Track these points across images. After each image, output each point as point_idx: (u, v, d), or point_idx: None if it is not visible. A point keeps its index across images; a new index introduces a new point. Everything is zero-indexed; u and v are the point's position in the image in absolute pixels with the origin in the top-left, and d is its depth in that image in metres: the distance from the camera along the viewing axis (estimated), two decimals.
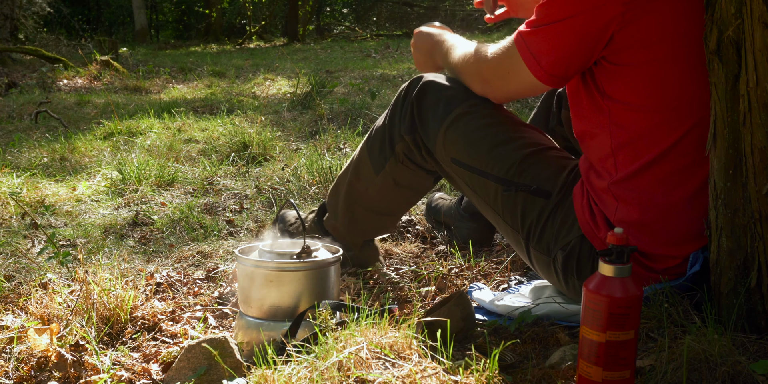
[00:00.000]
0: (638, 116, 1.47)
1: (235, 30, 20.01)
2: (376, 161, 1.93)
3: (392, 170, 1.92)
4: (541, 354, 1.53)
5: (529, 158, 1.68)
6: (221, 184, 3.24)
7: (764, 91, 1.24)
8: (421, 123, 1.82)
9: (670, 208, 1.48)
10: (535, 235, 1.65)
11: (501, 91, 1.66)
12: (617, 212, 1.52)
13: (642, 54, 1.43)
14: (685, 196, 1.47)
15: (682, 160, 1.46)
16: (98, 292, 1.70)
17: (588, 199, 1.59)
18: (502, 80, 1.62)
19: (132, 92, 6.97)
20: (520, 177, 1.66)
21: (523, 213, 1.66)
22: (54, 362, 1.50)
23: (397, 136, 1.88)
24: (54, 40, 13.17)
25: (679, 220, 1.48)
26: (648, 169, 1.48)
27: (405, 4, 18.76)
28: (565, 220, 1.62)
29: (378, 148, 1.92)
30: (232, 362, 1.42)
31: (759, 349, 1.31)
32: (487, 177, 1.70)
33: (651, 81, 1.44)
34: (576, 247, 1.59)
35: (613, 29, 1.42)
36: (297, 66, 9.17)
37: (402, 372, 1.31)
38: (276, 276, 1.56)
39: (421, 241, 2.41)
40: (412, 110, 1.84)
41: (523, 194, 1.65)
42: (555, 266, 1.64)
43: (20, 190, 3.04)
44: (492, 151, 1.70)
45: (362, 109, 4.88)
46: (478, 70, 1.67)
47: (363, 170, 1.96)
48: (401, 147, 1.88)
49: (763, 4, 1.21)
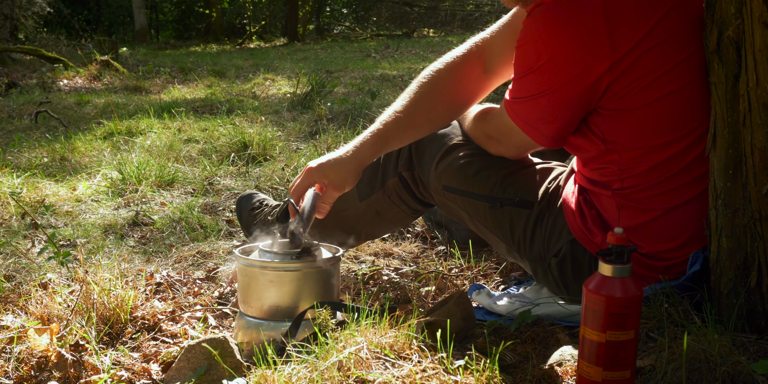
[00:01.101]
0: (644, 154, 1.45)
1: (235, 30, 20.01)
2: (362, 190, 1.94)
3: (377, 202, 1.93)
4: (541, 354, 1.53)
5: (510, 176, 1.72)
6: (221, 184, 3.24)
7: (764, 91, 1.24)
8: (418, 160, 1.85)
9: (674, 212, 1.48)
10: (526, 246, 1.68)
11: (513, 152, 1.72)
12: (620, 220, 1.53)
13: (640, 97, 1.40)
14: (689, 201, 1.47)
15: (689, 177, 1.45)
16: (98, 292, 1.70)
17: (580, 205, 1.59)
18: (512, 146, 1.68)
19: (132, 92, 6.97)
20: (503, 192, 1.70)
21: (512, 226, 1.70)
22: (54, 362, 1.50)
23: (391, 172, 1.90)
24: (54, 40, 13.17)
25: (679, 221, 1.48)
26: (654, 187, 1.47)
27: (405, 4, 18.76)
28: (553, 228, 1.64)
29: (368, 178, 1.92)
30: (232, 362, 1.42)
31: (759, 349, 1.31)
32: (476, 197, 1.74)
33: (656, 119, 1.42)
34: (568, 252, 1.61)
35: (605, 82, 1.40)
36: (297, 66, 9.17)
37: (402, 372, 1.31)
38: (276, 276, 1.56)
39: (421, 241, 2.41)
40: (409, 148, 1.87)
41: (509, 208, 1.69)
42: (551, 273, 1.65)
43: (20, 190, 3.04)
44: (477, 174, 1.73)
45: (362, 109, 4.88)
46: (487, 144, 1.74)
47: (347, 193, 1.89)
48: (393, 183, 1.90)
49: (763, 4, 1.21)
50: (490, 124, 1.69)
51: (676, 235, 1.49)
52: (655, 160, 1.45)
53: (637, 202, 1.50)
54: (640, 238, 1.51)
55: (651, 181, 1.47)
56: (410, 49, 12.17)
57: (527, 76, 1.45)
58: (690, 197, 1.46)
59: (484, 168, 1.74)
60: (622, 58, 1.37)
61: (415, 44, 13.30)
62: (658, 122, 1.42)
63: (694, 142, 1.43)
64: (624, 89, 1.40)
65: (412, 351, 1.39)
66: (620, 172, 1.50)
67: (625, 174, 1.49)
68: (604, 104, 1.44)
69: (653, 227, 1.49)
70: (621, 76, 1.39)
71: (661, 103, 1.41)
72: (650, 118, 1.42)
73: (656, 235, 1.50)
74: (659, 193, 1.47)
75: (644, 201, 1.49)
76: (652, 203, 1.48)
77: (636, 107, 1.41)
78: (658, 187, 1.47)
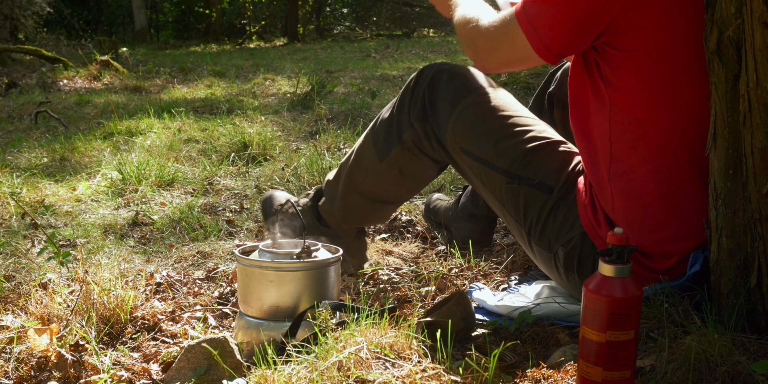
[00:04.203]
0: (638, 105, 1.46)
1: (235, 30, 20.00)
2: (380, 149, 1.92)
3: (397, 158, 1.90)
4: (541, 354, 1.53)
5: (533, 152, 1.68)
6: (221, 184, 3.24)
7: (764, 91, 1.24)
8: (432, 112, 1.82)
9: (666, 197, 1.47)
10: (537, 231, 1.66)
11: (493, 59, 1.61)
12: (615, 210, 1.52)
13: (645, 40, 1.41)
14: (681, 186, 1.46)
15: (678, 154, 1.45)
16: (98, 292, 1.70)
17: (590, 196, 1.59)
18: (497, 49, 1.58)
19: (132, 92, 6.97)
20: (523, 170, 1.67)
21: (526, 207, 1.67)
22: (54, 362, 1.50)
23: (406, 124, 1.87)
24: (54, 40, 13.17)
25: (676, 213, 1.48)
26: (644, 163, 1.47)
27: (405, 4, 18.76)
28: (567, 217, 1.62)
29: (384, 136, 1.91)
30: (232, 362, 1.42)
31: (759, 349, 1.31)
32: (493, 168, 1.71)
33: (653, 68, 1.43)
34: (577, 244, 1.59)
35: (614, 12, 1.41)
36: (297, 66, 9.17)
37: (402, 372, 1.31)
38: (276, 276, 1.56)
39: (421, 241, 2.41)
40: (423, 98, 1.83)
41: (526, 188, 1.66)
42: (556, 262, 1.64)
43: (20, 190, 3.04)
44: (498, 144, 1.70)
45: (362, 109, 4.88)
46: (475, 35, 1.63)
47: (365, 158, 1.95)
48: (410, 134, 1.86)
49: (763, 4, 1.21)
50: (488, 30, 1.59)
51: (663, 226, 1.48)
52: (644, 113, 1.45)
53: (628, 183, 1.50)
54: (629, 229, 1.50)
55: (637, 146, 1.47)
56: (410, 49, 12.17)
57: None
58: (677, 184, 1.46)
59: (506, 137, 1.70)
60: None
61: (415, 44, 13.30)
62: (654, 72, 1.43)
63: (682, 115, 1.44)
64: (630, 25, 1.41)
65: (412, 351, 1.39)
66: (610, 132, 1.49)
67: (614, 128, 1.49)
68: (610, 41, 1.44)
69: (642, 216, 1.49)
70: (628, 11, 1.40)
71: (659, 53, 1.42)
72: (648, 64, 1.43)
73: (644, 224, 1.49)
74: (648, 171, 1.47)
75: (634, 182, 1.49)
76: (641, 185, 1.48)
77: (638, 48, 1.42)
78: (646, 163, 1.47)
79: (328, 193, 2.07)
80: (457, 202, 2.34)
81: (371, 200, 2.00)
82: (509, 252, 2.21)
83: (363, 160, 1.96)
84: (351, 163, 1.99)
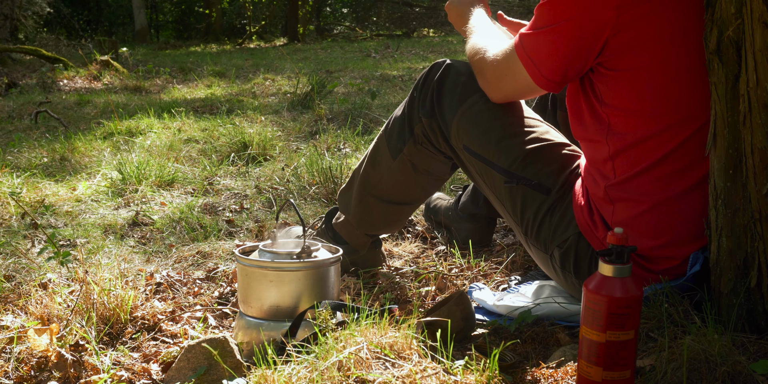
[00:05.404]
0: (637, 123, 1.47)
1: (235, 30, 20.01)
2: (394, 146, 1.92)
3: (410, 153, 1.90)
4: (541, 354, 1.53)
5: (534, 153, 1.69)
6: (221, 184, 3.24)
7: (764, 91, 1.24)
8: (439, 108, 1.83)
9: (667, 204, 1.48)
10: (533, 231, 1.66)
11: (499, 92, 1.69)
12: (614, 214, 1.53)
13: (639, 58, 1.42)
14: (682, 193, 1.47)
15: (679, 163, 1.46)
16: (98, 292, 1.70)
17: (587, 198, 1.59)
18: (501, 81, 1.65)
19: (132, 92, 6.97)
20: (522, 170, 1.68)
21: (523, 206, 1.68)
22: (54, 362, 1.50)
23: (416, 119, 1.87)
24: (54, 40, 13.17)
25: (677, 219, 1.48)
26: (645, 173, 1.48)
27: (405, 4, 18.75)
28: (562, 218, 1.63)
29: (397, 134, 1.91)
30: (232, 362, 1.42)
31: (759, 349, 1.31)
32: (493, 167, 1.72)
33: (650, 85, 1.44)
34: (572, 245, 1.60)
35: (607, 34, 1.42)
36: (297, 66, 9.17)
37: (402, 372, 1.31)
38: (276, 276, 1.56)
39: (421, 241, 2.41)
40: (432, 94, 1.84)
41: (524, 188, 1.67)
42: (553, 263, 1.65)
43: (20, 190, 3.04)
44: (500, 143, 1.71)
45: (362, 109, 4.88)
46: (481, 68, 1.70)
47: (380, 158, 1.95)
48: (420, 128, 1.87)
49: (763, 4, 1.21)
50: (492, 63, 1.65)
51: (663, 233, 1.48)
52: (644, 130, 1.46)
53: (628, 191, 1.50)
54: (640, 240, 1.51)
55: (639, 161, 1.48)
56: (410, 49, 12.17)
57: (539, 9, 1.49)
58: (678, 191, 1.46)
59: (507, 136, 1.71)
60: (626, 11, 1.40)
61: (415, 44, 13.30)
62: (650, 90, 1.44)
63: (683, 126, 1.44)
64: (623, 45, 1.42)
65: (412, 351, 1.39)
66: (609, 147, 1.50)
67: (613, 145, 1.50)
68: (604, 62, 1.46)
69: (642, 222, 1.49)
70: (621, 31, 1.41)
71: (656, 70, 1.43)
72: (644, 83, 1.44)
73: (644, 231, 1.50)
74: (649, 181, 1.48)
75: (634, 190, 1.49)
76: (641, 193, 1.48)
77: (633, 67, 1.43)
78: (647, 173, 1.47)
79: (342, 203, 2.06)
80: (457, 201, 2.34)
81: (386, 202, 1.98)
82: (509, 252, 2.21)
83: (377, 160, 1.96)
84: (365, 165, 1.99)
